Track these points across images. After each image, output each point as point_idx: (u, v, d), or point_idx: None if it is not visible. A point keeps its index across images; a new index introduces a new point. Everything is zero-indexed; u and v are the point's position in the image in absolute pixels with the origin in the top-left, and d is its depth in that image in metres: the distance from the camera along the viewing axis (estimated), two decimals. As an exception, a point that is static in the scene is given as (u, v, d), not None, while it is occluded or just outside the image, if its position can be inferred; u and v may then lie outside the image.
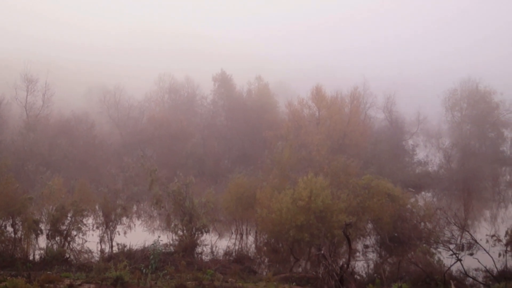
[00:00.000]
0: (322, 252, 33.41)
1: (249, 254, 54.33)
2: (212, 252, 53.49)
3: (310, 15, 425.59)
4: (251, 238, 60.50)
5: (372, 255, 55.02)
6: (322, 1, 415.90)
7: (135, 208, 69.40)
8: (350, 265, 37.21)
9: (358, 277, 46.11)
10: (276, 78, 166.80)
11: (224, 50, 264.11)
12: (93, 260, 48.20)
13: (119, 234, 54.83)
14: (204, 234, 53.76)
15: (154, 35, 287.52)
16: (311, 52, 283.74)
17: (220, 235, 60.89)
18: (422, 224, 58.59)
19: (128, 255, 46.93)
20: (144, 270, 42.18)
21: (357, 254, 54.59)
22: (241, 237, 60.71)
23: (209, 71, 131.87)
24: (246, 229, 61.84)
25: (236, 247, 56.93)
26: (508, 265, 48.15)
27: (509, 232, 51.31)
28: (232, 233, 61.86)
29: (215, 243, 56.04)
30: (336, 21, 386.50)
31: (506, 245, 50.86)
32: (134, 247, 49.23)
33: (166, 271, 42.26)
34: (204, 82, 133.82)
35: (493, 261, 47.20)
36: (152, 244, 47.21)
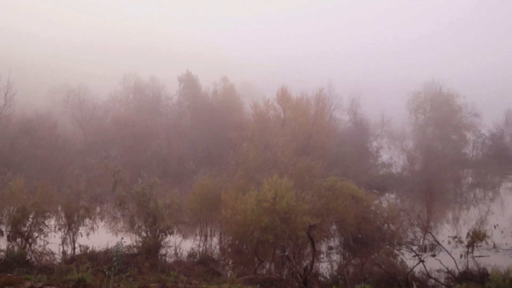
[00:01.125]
0: (286, 253, 33.40)
1: (214, 256, 54.12)
2: (176, 253, 53.11)
3: (278, 20, 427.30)
4: (215, 240, 60.36)
5: (336, 257, 55.20)
6: (289, 7, 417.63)
7: (98, 209, 68.76)
8: (314, 267, 37.25)
9: (322, 279, 46.21)
10: (242, 80, 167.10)
11: (190, 50, 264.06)
12: (55, 262, 47.42)
13: (81, 235, 54.13)
14: (168, 236, 53.32)
15: (119, 33, 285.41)
16: (278, 56, 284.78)
17: (184, 237, 60.57)
18: (386, 225, 59.06)
19: (91, 257, 46.35)
20: (107, 272, 41.65)
21: (321, 255, 54.75)
22: (206, 239, 60.50)
23: (174, 72, 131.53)
24: (211, 231, 61.65)
25: (200, 249, 56.68)
26: (470, 266, 48.72)
27: (471, 233, 51.93)
28: (196, 235, 61.62)
29: (179, 245, 55.65)
30: (304, 27, 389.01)
31: (468, 246, 51.46)
32: (97, 249, 48.62)
33: (129, 273, 41.82)
34: (170, 83, 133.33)
35: (455, 262, 47.77)
36: (115, 246, 46.63)
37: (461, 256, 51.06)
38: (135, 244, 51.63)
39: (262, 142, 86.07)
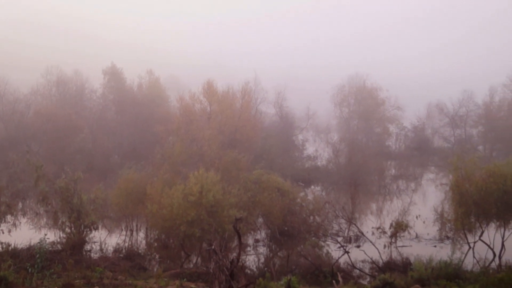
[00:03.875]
0: (213, 247, 33.33)
1: (140, 251, 53.73)
2: (101, 249, 52.42)
3: (206, 14, 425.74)
4: (141, 234, 59.91)
5: (262, 249, 55.62)
6: (218, 2, 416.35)
7: (20, 205, 66.96)
8: (240, 260, 37.35)
9: (249, 271, 46.46)
10: (169, 72, 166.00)
11: (115, 43, 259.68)
12: (-25, 261, 46.19)
13: (3, 232, 52.54)
14: (93, 231, 52.51)
15: (41, 25, 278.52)
16: (205, 49, 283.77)
17: (110, 232, 59.83)
18: (311, 217, 59.80)
19: (13, 255, 45.23)
20: (30, 270, 40.86)
21: (248, 248, 55.06)
22: (131, 234, 59.98)
23: (99, 65, 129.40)
24: (137, 225, 61.14)
25: (126, 244, 56.14)
26: (393, 256, 49.94)
27: (394, 224, 53.27)
28: (122, 230, 61.00)
29: (105, 240, 54.86)
30: (232, 22, 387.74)
31: (391, 237, 52.79)
32: (19, 246, 47.41)
33: (53, 270, 41.14)
34: (94, 76, 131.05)
35: (379, 252, 48.88)
36: (38, 243, 45.77)
37: (384, 246, 52.31)
38: (59, 240, 50.65)
39: (188, 136, 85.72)
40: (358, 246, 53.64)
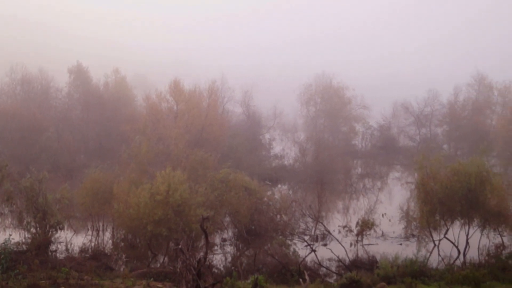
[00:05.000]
0: (180, 246, 33.29)
1: (106, 251, 53.47)
2: (67, 249, 52.09)
3: (171, 11, 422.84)
4: (108, 234, 59.51)
5: (229, 248, 55.68)
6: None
7: (-16, 205, 66.24)
8: (207, 259, 37.37)
9: (216, 270, 46.52)
10: (135, 70, 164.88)
11: (80, 38, 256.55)
12: None
13: (-34, 234, 52.18)
14: (59, 231, 52.06)
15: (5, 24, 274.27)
16: (172, 48, 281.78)
17: (76, 232, 59.44)
18: (279, 216, 59.98)
19: (-23, 256, 44.74)
20: (-6, 270, 40.46)
21: (215, 247, 55.11)
22: (98, 233, 59.56)
23: (64, 63, 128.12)
24: (103, 225, 60.68)
25: (93, 244, 55.81)
26: (359, 254, 50.43)
27: (360, 223, 53.68)
28: (88, 230, 60.52)
29: (71, 240, 54.54)
30: (197, 19, 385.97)
31: (357, 235, 53.22)
32: (-17, 247, 46.94)
33: (18, 270, 40.75)
34: (60, 74, 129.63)
35: (346, 251, 49.30)
36: (3, 243, 45.29)
37: (351, 244, 52.71)
38: (24, 240, 50.16)
39: (155, 135, 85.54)
40: (325, 245, 53.97)
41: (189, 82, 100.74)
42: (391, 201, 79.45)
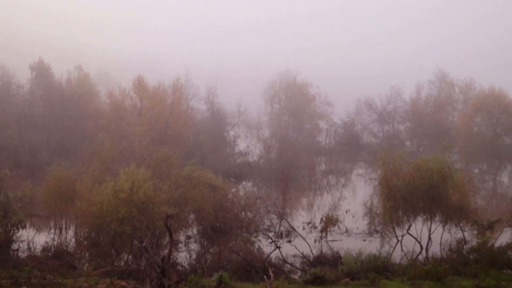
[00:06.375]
0: (144, 244, 33.07)
1: (69, 249, 52.96)
2: (29, 248, 51.33)
3: (132, 7, 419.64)
4: (71, 233, 58.89)
5: (194, 246, 55.43)
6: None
7: None
8: (172, 257, 37.21)
9: (181, 268, 46.36)
10: (99, 68, 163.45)
11: (42, 37, 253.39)
12: None
13: None
14: (21, 230, 51.33)
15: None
16: (135, 44, 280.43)
17: (38, 230, 58.73)
18: (243, 213, 60.07)
19: None
20: (-47, 270, 39.81)
21: (180, 245, 54.91)
22: (60, 232, 58.90)
23: (26, 59, 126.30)
24: (66, 223, 60.01)
25: (55, 242, 55.16)
26: (324, 251, 50.63)
27: (324, 219, 53.87)
28: (50, 228, 59.78)
29: (33, 239, 53.74)
30: (161, 16, 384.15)
31: (321, 231, 53.39)
32: None
33: (-23, 270, 40.19)
34: (21, 71, 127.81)
35: (310, 247, 49.47)
36: (-37, 243, 44.62)
37: (315, 241, 52.89)
38: (-16, 239, 49.41)
39: (118, 132, 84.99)
40: (290, 241, 54.07)
41: (153, 79, 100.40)
42: (355, 198, 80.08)
